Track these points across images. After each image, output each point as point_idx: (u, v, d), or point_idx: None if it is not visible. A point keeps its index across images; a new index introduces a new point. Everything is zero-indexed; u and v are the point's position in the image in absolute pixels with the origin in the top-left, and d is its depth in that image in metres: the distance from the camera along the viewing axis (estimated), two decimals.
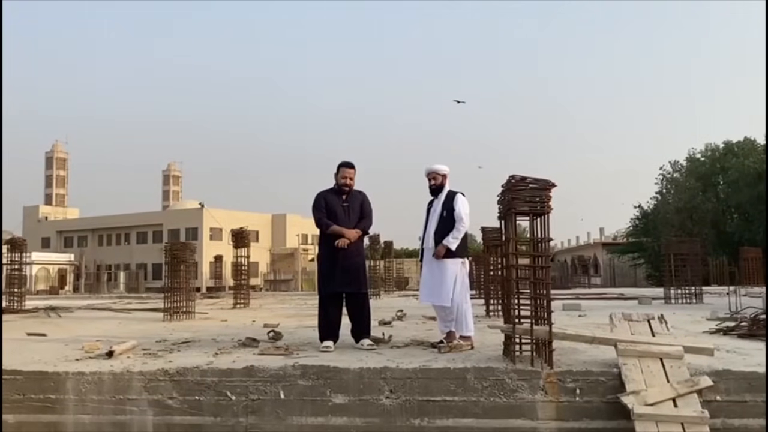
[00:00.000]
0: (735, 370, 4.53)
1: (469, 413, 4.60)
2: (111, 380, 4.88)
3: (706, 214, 35.78)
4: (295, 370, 4.84)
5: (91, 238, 67.94)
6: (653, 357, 4.58)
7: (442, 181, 6.06)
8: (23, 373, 4.95)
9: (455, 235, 5.81)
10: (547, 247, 4.96)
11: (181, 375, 4.88)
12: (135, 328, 8.59)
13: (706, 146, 40.90)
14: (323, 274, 6.19)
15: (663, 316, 5.33)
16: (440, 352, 5.49)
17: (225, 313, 11.96)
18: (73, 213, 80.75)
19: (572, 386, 4.57)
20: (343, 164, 6.22)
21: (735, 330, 6.71)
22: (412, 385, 4.70)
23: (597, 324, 7.33)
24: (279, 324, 8.35)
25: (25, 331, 8.04)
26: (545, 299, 4.82)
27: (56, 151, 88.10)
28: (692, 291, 13.10)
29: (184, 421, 4.78)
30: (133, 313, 12.50)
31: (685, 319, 8.62)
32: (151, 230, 63.54)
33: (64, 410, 4.84)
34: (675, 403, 4.20)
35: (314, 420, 4.70)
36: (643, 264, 41.85)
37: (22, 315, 11.83)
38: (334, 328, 6.04)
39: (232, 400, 4.78)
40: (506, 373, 4.67)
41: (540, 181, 4.90)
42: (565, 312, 10.52)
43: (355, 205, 6.20)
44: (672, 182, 40.38)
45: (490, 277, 10.39)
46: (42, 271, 54.48)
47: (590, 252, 55.07)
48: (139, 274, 57.61)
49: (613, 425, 4.44)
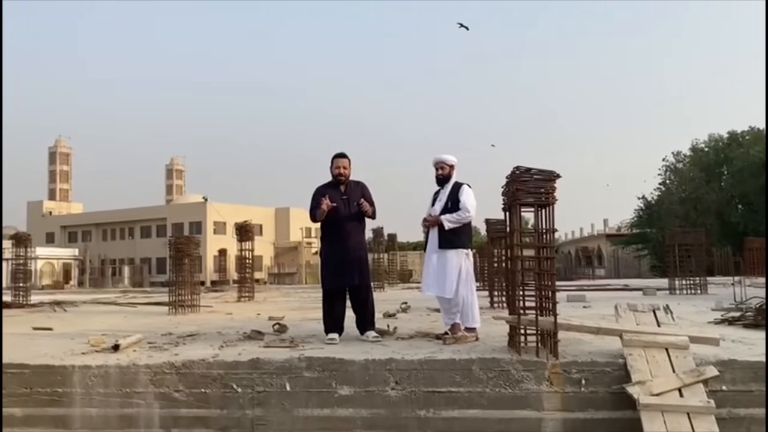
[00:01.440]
0: (741, 360, 4.53)
1: (475, 404, 4.61)
2: (117, 373, 4.90)
3: (711, 205, 35.72)
4: (300, 363, 4.85)
5: (95, 232, 68.07)
6: (659, 347, 4.58)
7: (449, 171, 6.03)
8: (30, 367, 4.97)
9: (455, 218, 5.77)
10: (552, 238, 4.95)
11: (187, 368, 4.89)
12: (140, 322, 8.62)
13: (709, 136, 40.85)
14: (326, 268, 6.19)
15: (668, 307, 5.32)
16: (445, 343, 5.49)
17: (230, 306, 11.99)
18: (76, 208, 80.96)
19: (577, 377, 4.58)
20: (337, 155, 6.21)
21: (740, 320, 6.70)
22: (417, 376, 4.71)
23: (602, 315, 7.33)
24: (284, 317, 8.37)
25: (32, 326, 8.08)
26: (550, 290, 4.81)
27: (59, 147, 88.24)
28: (697, 281, 13.09)
29: (190, 414, 4.80)
30: (138, 307, 12.53)
31: (690, 310, 8.62)
32: (155, 224, 63.62)
33: (71, 403, 4.86)
34: (681, 393, 4.19)
35: (320, 412, 4.72)
36: (647, 255, 41.81)
37: (28, 310, 11.88)
38: (339, 321, 6.05)
39: (238, 393, 4.79)
40: (511, 364, 4.67)
41: (545, 172, 4.88)
42: (569, 303, 10.53)
43: (355, 197, 6.16)
44: (676, 173, 40.32)
45: (494, 268, 10.40)
46: (47, 266, 54.64)
47: (594, 243, 55.05)
48: (144, 269, 57.75)
49: (618, 415, 4.44)
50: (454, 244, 5.82)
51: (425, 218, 6.02)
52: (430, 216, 5.94)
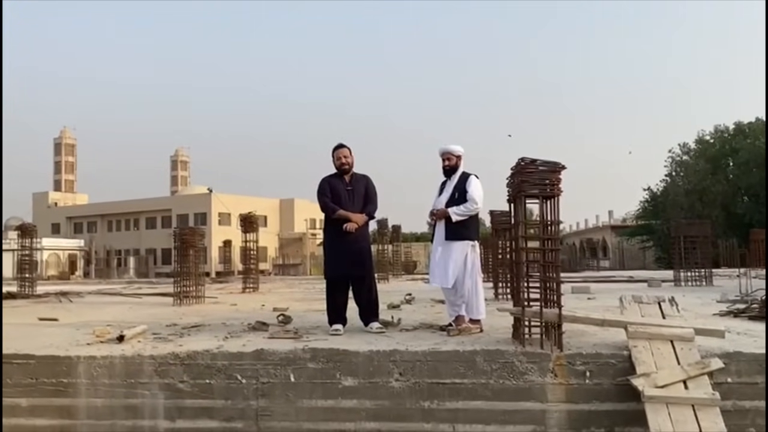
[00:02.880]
0: (746, 352, 4.51)
1: (479, 396, 4.61)
2: (122, 364, 4.91)
3: (716, 196, 35.57)
4: (305, 354, 4.85)
5: (101, 223, 68.29)
6: (664, 339, 4.56)
7: (456, 162, 5.98)
8: (36, 358, 4.99)
9: (462, 210, 5.75)
10: (557, 230, 4.93)
11: (192, 359, 4.90)
12: (145, 313, 8.64)
13: (715, 128, 40.62)
14: (329, 259, 6.19)
15: (673, 299, 5.30)
16: (449, 335, 5.49)
17: (234, 297, 12.01)
18: (82, 199, 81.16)
19: (582, 369, 4.57)
20: (337, 146, 6.20)
21: (745, 312, 6.68)
22: (421, 367, 4.70)
23: (606, 307, 7.31)
24: (288, 308, 8.38)
25: (37, 316, 8.11)
26: (555, 282, 4.80)
27: (64, 137, 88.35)
28: (702, 273, 13.06)
29: (194, 405, 4.81)
30: (143, 297, 12.58)
31: (695, 302, 8.60)
32: (160, 215, 63.79)
33: (77, 394, 4.88)
34: (685, 385, 4.18)
35: (324, 402, 4.72)
36: (652, 247, 41.71)
37: (34, 300, 11.94)
38: (342, 312, 6.05)
39: (243, 384, 4.80)
40: (515, 355, 4.66)
41: (550, 164, 4.85)
42: (574, 295, 10.51)
43: (360, 189, 6.17)
44: (681, 164, 40.13)
45: (499, 260, 10.39)
46: (52, 256, 54.88)
47: (599, 235, 54.95)
48: (149, 259, 58.03)
49: (623, 407, 4.44)
50: (460, 235, 5.80)
51: (432, 211, 6.00)
52: (437, 209, 5.92)
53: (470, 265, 5.79)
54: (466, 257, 5.77)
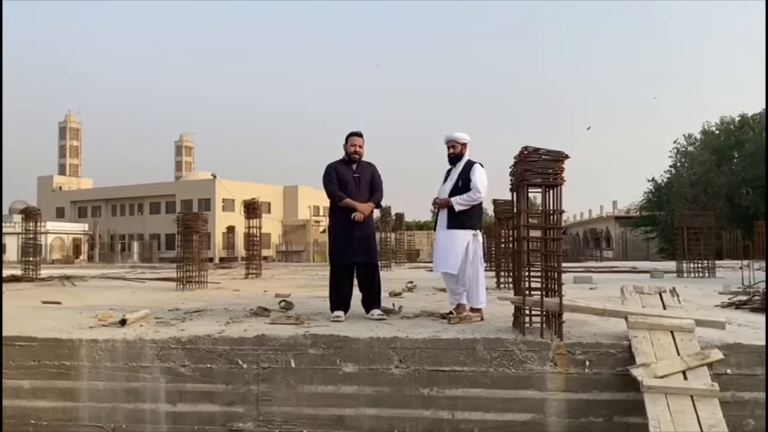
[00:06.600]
0: (746, 344, 4.51)
1: (478, 383, 4.63)
2: (124, 348, 4.95)
3: (721, 188, 35.40)
4: (305, 339, 4.88)
5: (105, 208, 68.46)
6: (664, 330, 4.57)
7: (461, 149, 5.95)
8: (38, 340, 5.02)
9: (465, 199, 5.74)
10: (559, 219, 4.93)
11: (193, 343, 4.93)
12: (148, 297, 8.68)
13: (721, 119, 40.33)
14: (334, 245, 6.20)
15: (675, 289, 5.30)
16: (450, 323, 5.50)
17: (237, 283, 12.05)
18: (86, 183, 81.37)
19: (582, 358, 4.58)
20: (352, 133, 6.18)
21: (747, 304, 6.68)
22: (421, 355, 4.72)
23: (608, 297, 7.31)
24: (290, 294, 8.40)
25: (41, 299, 8.15)
26: (556, 271, 4.80)
27: (69, 122, 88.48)
28: (705, 265, 13.02)
29: (196, 389, 4.85)
30: (146, 282, 12.61)
31: (697, 293, 8.59)
32: (164, 201, 63.93)
33: (79, 377, 4.92)
34: (685, 376, 4.19)
35: (324, 388, 4.75)
36: (656, 237, 41.58)
37: (38, 283, 11.98)
38: (345, 299, 6.07)
39: (244, 369, 4.83)
40: (516, 344, 4.68)
41: (553, 153, 4.83)
42: (576, 285, 10.51)
43: (366, 176, 6.18)
44: (686, 156, 39.91)
45: (501, 249, 10.39)
46: (57, 240, 55.11)
47: (602, 225, 54.81)
48: (153, 244, 58.16)
49: (622, 397, 4.45)
50: (462, 224, 5.79)
51: (435, 199, 5.99)
52: (440, 198, 5.91)
53: (471, 254, 5.79)
54: (467, 246, 5.77)
